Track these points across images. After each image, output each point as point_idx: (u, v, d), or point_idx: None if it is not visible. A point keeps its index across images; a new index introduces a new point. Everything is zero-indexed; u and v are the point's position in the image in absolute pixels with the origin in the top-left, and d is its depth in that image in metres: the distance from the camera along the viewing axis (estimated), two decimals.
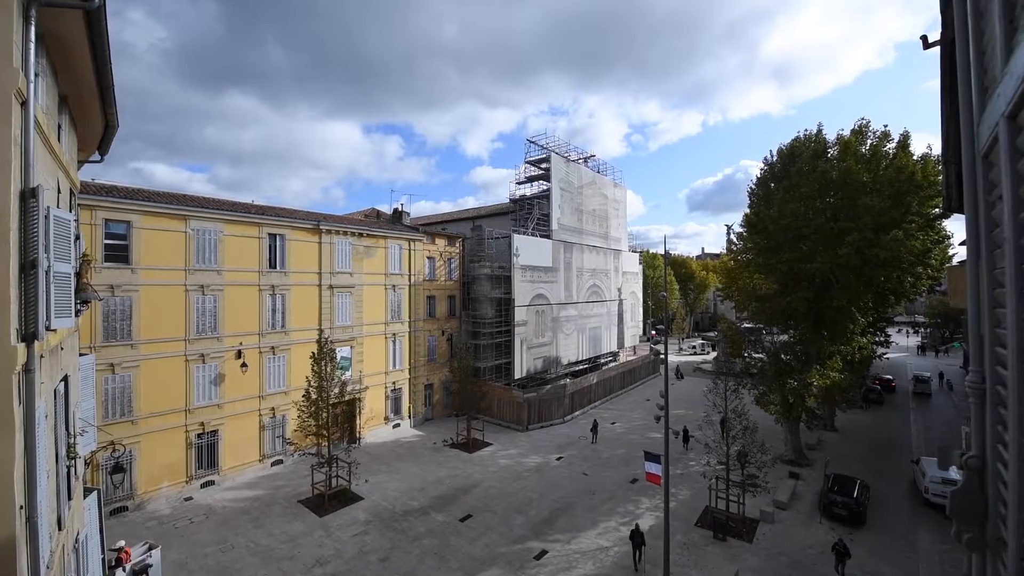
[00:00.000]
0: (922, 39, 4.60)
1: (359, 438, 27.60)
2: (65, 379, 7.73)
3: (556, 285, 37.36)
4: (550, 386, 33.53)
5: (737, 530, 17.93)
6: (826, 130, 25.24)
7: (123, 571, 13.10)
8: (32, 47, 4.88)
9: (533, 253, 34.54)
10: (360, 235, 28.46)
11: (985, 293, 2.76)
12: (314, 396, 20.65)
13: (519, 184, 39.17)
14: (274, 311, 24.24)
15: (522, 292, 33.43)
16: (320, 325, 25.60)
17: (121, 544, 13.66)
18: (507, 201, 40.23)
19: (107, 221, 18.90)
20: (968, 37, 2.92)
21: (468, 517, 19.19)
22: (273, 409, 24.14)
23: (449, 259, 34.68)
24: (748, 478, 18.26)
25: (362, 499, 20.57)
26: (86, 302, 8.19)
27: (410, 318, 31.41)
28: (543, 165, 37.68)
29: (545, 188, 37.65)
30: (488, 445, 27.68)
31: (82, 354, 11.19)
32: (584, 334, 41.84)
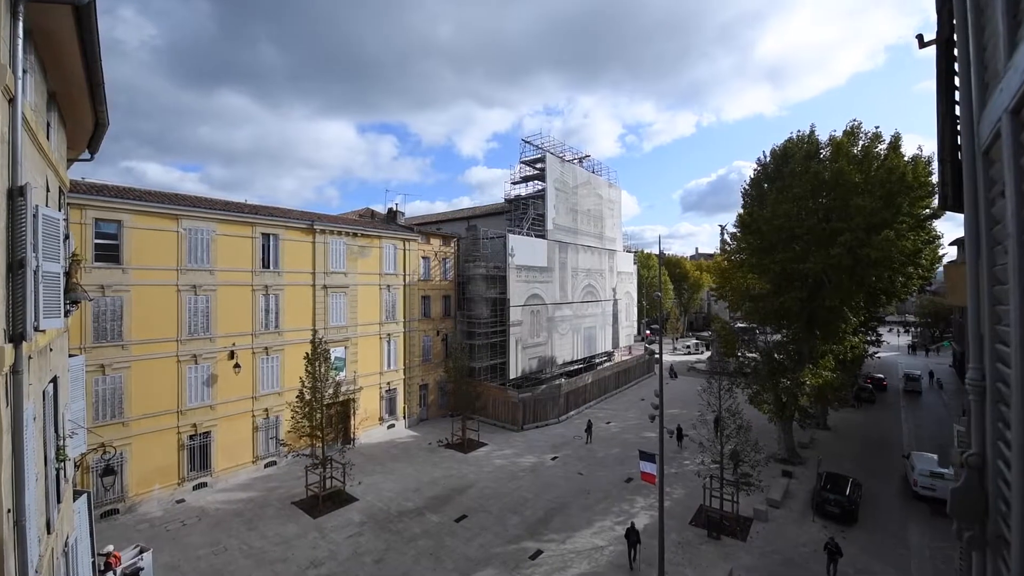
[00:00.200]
0: (918, 38, 4.61)
1: (353, 439, 27.47)
2: (54, 380, 7.63)
3: (551, 285, 37.40)
4: (545, 386, 33.55)
5: (731, 529, 18.03)
6: (818, 131, 25.44)
7: (113, 575, 12.93)
8: (20, 43, 4.81)
9: (528, 253, 34.55)
10: (354, 235, 28.32)
11: (985, 290, 2.75)
12: (308, 397, 20.52)
13: (514, 184, 39.19)
14: (267, 311, 24.07)
15: (517, 292, 33.43)
16: (314, 325, 25.47)
17: (109, 549, 13.45)
18: (502, 201, 40.24)
19: (97, 220, 18.68)
20: (968, 34, 2.92)
21: (463, 517, 19.16)
22: (267, 410, 23.97)
23: (444, 259, 34.60)
24: (742, 477, 18.36)
25: (357, 500, 20.47)
26: (76, 302, 8.09)
27: (405, 318, 31.31)
28: (538, 165, 37.73)
29: (540, 188, 37.70)
30: (483, 445, 27.65)
31: (72, 355, 11.04)
32: (579, 334, 41.91)
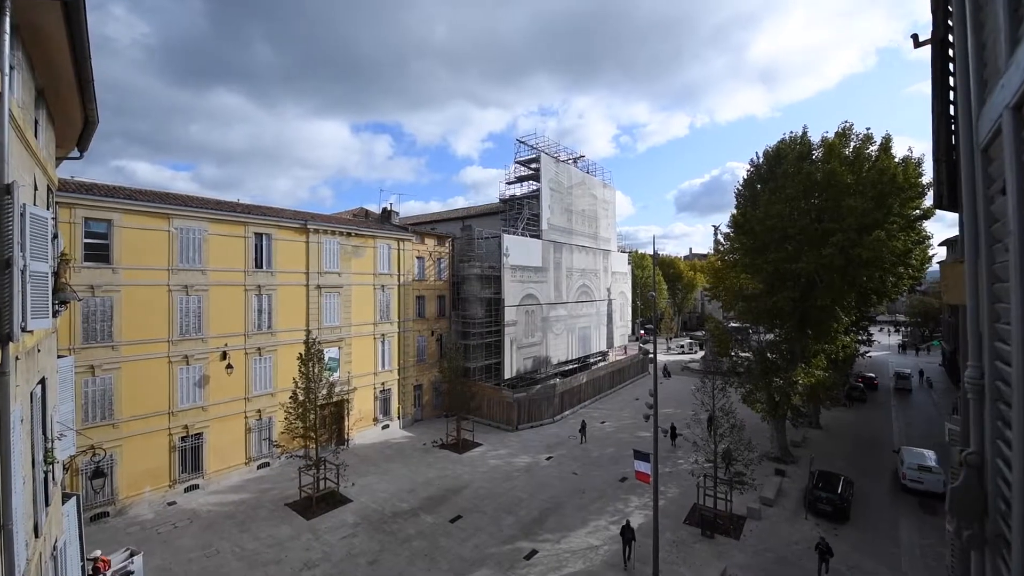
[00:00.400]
0: (913, 38, 4.64)
1: (347, 440, 27.33)
2: (42, 382, 7.52)
3: (546, 285, 37.42)
4: (540, 386, 33.56)
5: (725, 527, 18.13)
6: (811, 132, 25.65)
7: None
8: (7, 39, 4.74)
9: (523, 253, 34.55)
10: (348, 235, 28.18)
11: (984, 288, 2.74)
12: (301, 398, 20.39)
13: (509, 184, 39.18)
14: (260, 311, 23.88)
15: (512, 292, 33.42)
16: (308, 326, 25.29)
17: (97, 554, 13.22)
18: (497, 201, 40.20)
19: (87, 219, 18.44)
20: (967, 31, 2.90)
21: (458, 518, 19.12)
22: (259, 411, 23.78)
23: (439, 259, 34.52)
24: (735, 475, 18.49)
25: (351, 501, 20.37)
26: (64, 302, 7.97)
27: (399, 318, 31.20)
28: (533, 165, 37.73)
29: (535, 188, 37.70)
30: (478, 445, 27.62)
31: (60, 356, 10.91)
32: (574, 334, 41.97)
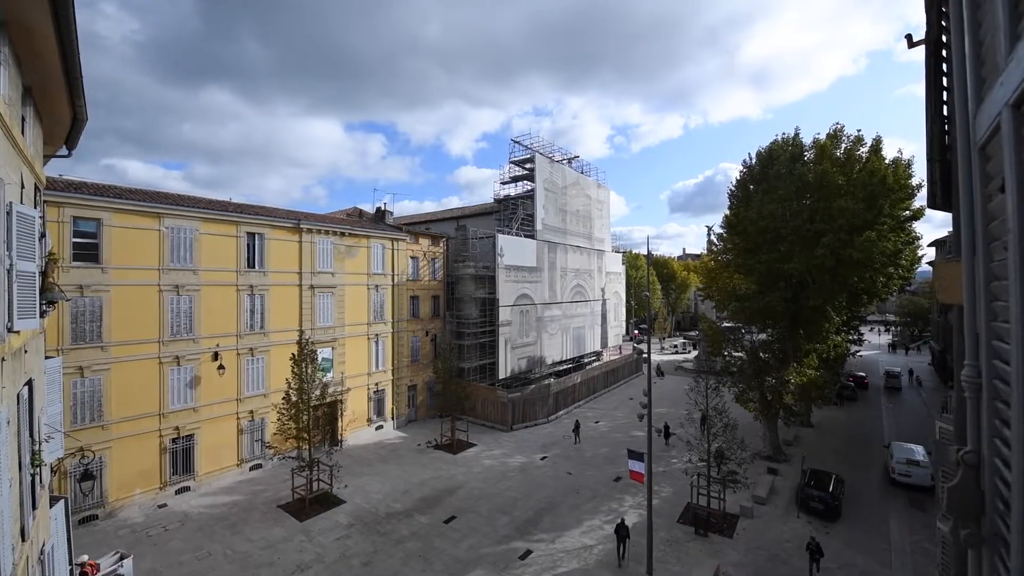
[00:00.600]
0: (907, 38, 4.66)
1: (341, 440, 27.18)
2: (29, 383, 7.40)
3: (540, 285, 37.45)
4: (534, 386, 33.57)
5: (718, 526, 18.24)
6: (803, 134, 25.87)
7: None
8: None
9: (517, 253, 34.55)
10: (342, 234, 28.03)
11: (981, 287, 2.73)
12: (294, 398, 20.25)
13: (503, 184, 39.17)
14: (252, 312, 23.68)
15: (506, 292, 33.41)
16: (301, 326, 25.14)
17: (84, 559, 13.00)
18: (491, 201, 40.19)
19: (76, 219, 18.19)
20: (964, 29, 2.90)
21: (452, 518, 19.07)
22: (252, 412, 23.58)
23: (433, 259, 34.43)
24: (728, 474, 18.60)
25: (344, 502, 20.25)
26: (52, 303, 7.86)
27: (393, 318, 31.08)
28: (527, 165, 37.75)
29: (529, 188, 37.72)
30: (472, 446, 27.57)
31: (48, 357, 10.74)
32: (568, 334, 42.04)
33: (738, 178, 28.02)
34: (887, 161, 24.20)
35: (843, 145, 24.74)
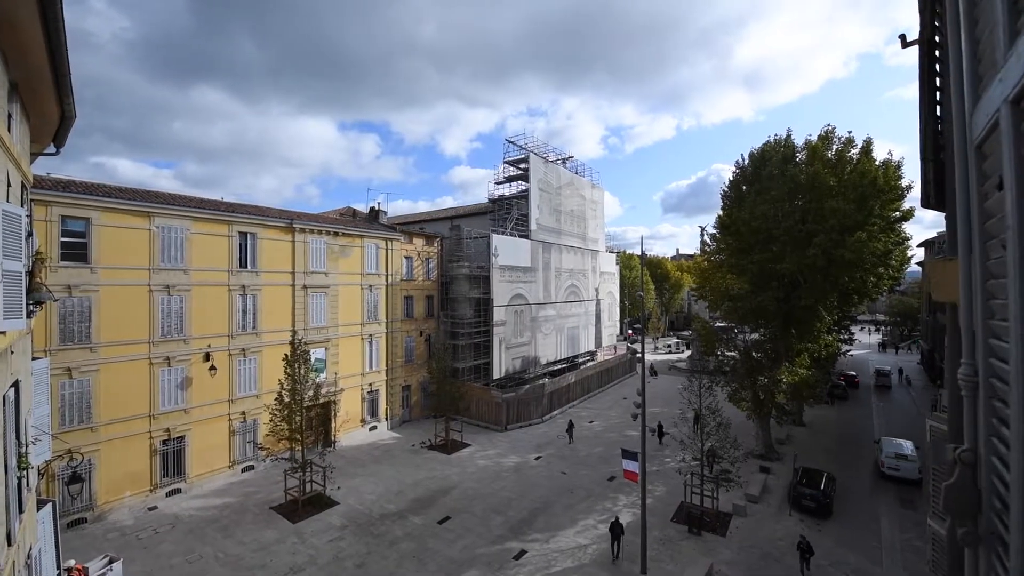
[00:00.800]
0: (901, 38, 4.68)
1: (334, 441, 27.02)
2: (16, 384, 7.28)
3: (535, 285, 37.46)
4: (529, 386, 33.58)
5: (711, 524, 18.34)
6: (795, 135, 26.10)
7: None
8: None
9: (512, 253, 34.53)
10: (335, 234, 27.86)
11: (978, 285, 2.73)
12: (287, 399, 20.11)
13: (498, 184, 39.12)
14: (244, 312, 23.47)
15: (501, 292, 33.38)
16: (293, 326, 24.95)
17: (70, 563, 12.79)
18: (486, 201, 40.13)
19: (64, 217, 17.93)
20: (960, 26, 2.89)
21: (446, 519, 19.02)
22: (244, 413, 23.37)
23: (427, 259, 34.33)
24: (721, 473, 18.71)
25: (337, 504, 20.14)
26: (39, 303, 7.73)
27: (387, 318, 30.95)
28: (522, 165, 37.73)
29: (524, 188, 37.71)
30: (467, 446, 27.52)
31: (36, 358, 10.58)
32: (562, 334, 42.09)
33: (731, 179, 28.21)
34: (877, 163, 24.49)
35: (834, 146, 25.00)
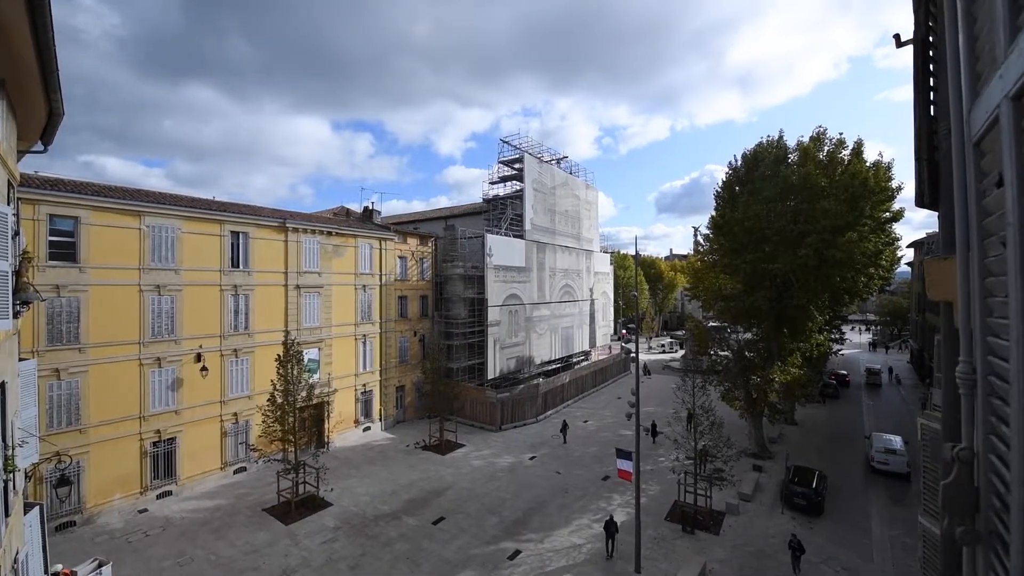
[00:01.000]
0: (895, 38, 4.70)
1: (327, 442, 26.85)
2: (2, 386, 7.16)
3: (529, 285, 37.46)
4: (523, 386, 33.59)
5: (705, 523, 18.44)
6: (787, 137, 26.33)
7: None
8: None
9: (506, 253, 34.51)
10: (329, 234, 27.69)
11: (976, 283, 2.73)
12: (280, 400, 19.95)
13: (492, 184, 39.07)
14: (237, 312, 23.26)
15: (495, 292, 33.35)
16: (286, 326, 24.78)
17: (58, 568, 12.57)
18: (480, 201, 40.05)
19: (52, 216, 17.66)
20: (958, 24, 2.90)
21: (441, 520, 18.97)
22: (236, 414, 23.15)
23: (421, 259, 34.22)
24: (715, 472, 18.82)
25: (331, 505, 20.01)
26: (26, 303, 7.62)
27: (381, 319, 30.81)
28: (516, 165, 37.71)
29: (518, 188, 37.69)
30: (461, 446, 27.47)
31: (23, 359, 10.41)
32: (557, 334, 42.13)
33: (724, 180, 28.41)
34: (868, 164, 24.76)
35: (826, 148, 25.25)
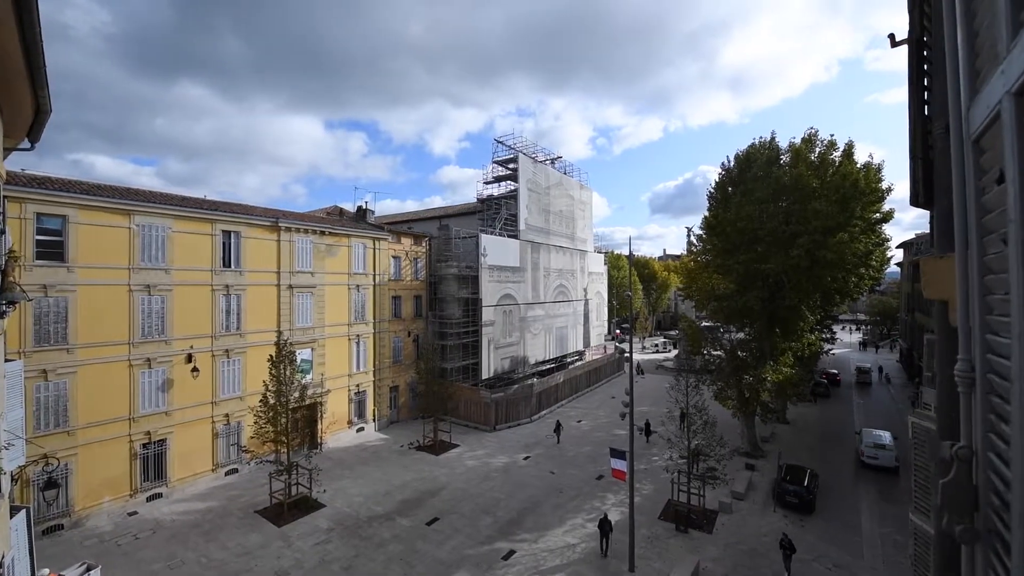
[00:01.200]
0: (889, 37, 4.71)
1: (320, 443, 26.69)
2: None
3: (523, 285, 37.47)
4: (517, 386, 33.58)
5: (698, 522, 18.55)
6: (779, 138, 26.58)
7: None
8: None
9: (500, 253, 34.49)
10: (322, 233, 27.52)
11: (975, 281, 2.73)
12: (272, 401, 19.79)
13: (486, 184, 39.06)
14: (228, 312, 23.05)
15: (489, 292, 33.32)
16: (279, 327, 24.59)
17: (45, 572, 12.36)
18: (474, 201, 40.05)
19: (39, 215, 17.40)
20: (956, 21, 2.89)
21: (435, 520, 18.92)
22: (227, 416, 22.94)
23: (415, 259, 34.11)
24: (708, 471, 18.93)
25: (324, 506, 19.89)
26: (12, 303, 7.47)
27: (374, 319, 30.67)
28: (511, 165, 37.72)
29: (513, 188, 37.71)
30: (455, 447, 27.41)
31: (9, 359, 10.23)
32: (551, 334, 42.18)
33: (717, 180, 28.62)
34: (859, 165, 25.04)
35: (817, 149, 25.52)
